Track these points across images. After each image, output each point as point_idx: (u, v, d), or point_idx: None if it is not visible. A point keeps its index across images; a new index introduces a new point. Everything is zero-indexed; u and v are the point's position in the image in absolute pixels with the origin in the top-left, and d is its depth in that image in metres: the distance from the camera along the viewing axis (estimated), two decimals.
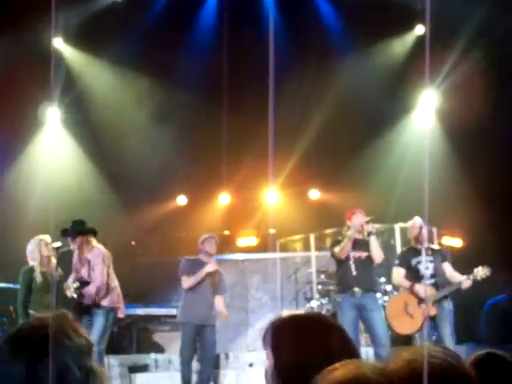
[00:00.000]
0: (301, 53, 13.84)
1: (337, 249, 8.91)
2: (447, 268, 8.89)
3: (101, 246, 9.10)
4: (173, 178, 14.12)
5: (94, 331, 8.73)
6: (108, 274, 9.05)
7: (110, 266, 9.11)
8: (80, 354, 2.06)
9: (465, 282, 8.61)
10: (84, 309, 8.89)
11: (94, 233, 9.08)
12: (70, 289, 8.80)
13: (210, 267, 9.41)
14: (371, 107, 13.24)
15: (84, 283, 8.89)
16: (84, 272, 8.96)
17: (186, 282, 9.48)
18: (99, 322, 8.89)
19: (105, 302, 8.99)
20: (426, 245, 8.92)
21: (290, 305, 12.39)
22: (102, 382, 2.08)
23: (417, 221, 8.97)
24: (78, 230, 8.91)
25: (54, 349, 2.00)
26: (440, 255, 8.99)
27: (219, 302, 9.50)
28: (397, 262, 9.21)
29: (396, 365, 0.99)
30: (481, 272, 8.57)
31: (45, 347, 1.99)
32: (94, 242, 9.05)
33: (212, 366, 9.66)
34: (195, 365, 9.54)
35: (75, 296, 8.82)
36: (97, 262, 8.93)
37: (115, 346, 11.00)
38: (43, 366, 1.99)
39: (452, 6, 11.78)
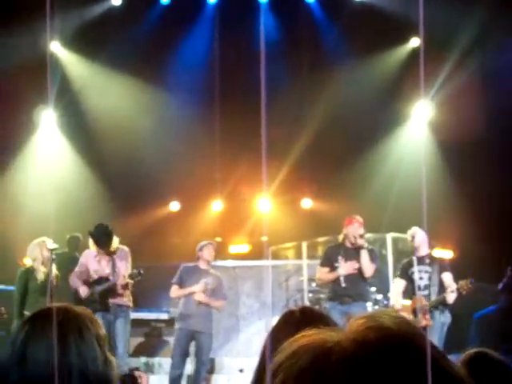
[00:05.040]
0: (294, 61, 13.93)
1: (318, 275, 9.03)
2: (446, 278, 8.68)
3: (124, 247, 9.11)
4: (166, 183, 14.13)
5: (121, 334, 8.78)
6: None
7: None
8: (103, 341, 2.14)
9: (449, 295, 8.46)
10: (106, 307, 8.79)
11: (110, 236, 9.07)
12: (127, 278, 8.76)
13: (198, 296, 9.33)
14: (365, 117, 13.28)
15: (105, 281, 8.83)
16: (108, 271, 8.88)
17: (174, 292, 9.52)
18: (125, 324, 8.90)
19: (127, 302, 8.96)
20: (418, 254, 8.80)
21: (281, 312, 12.38)
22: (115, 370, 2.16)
23: (413, 230, 8.83)
24: (102, 232, 8.95)
25: (84, 330, 2.08)
26: (438, 265, 8.79)
27: (214, 302, 9.48)
28: (398, 272, 9.19)
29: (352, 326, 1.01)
30: (464, 285, 8.41)
31: (73, 327, 2.06)
32: (116, 242, 9.05)
33: (205, 371, 9.71)
34: (186, 368, 9.58)
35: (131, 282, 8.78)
36: (123, 259, 8.93)
37: None
38: (72, 343, 2.05)
39: (446, 18, 11.86)
